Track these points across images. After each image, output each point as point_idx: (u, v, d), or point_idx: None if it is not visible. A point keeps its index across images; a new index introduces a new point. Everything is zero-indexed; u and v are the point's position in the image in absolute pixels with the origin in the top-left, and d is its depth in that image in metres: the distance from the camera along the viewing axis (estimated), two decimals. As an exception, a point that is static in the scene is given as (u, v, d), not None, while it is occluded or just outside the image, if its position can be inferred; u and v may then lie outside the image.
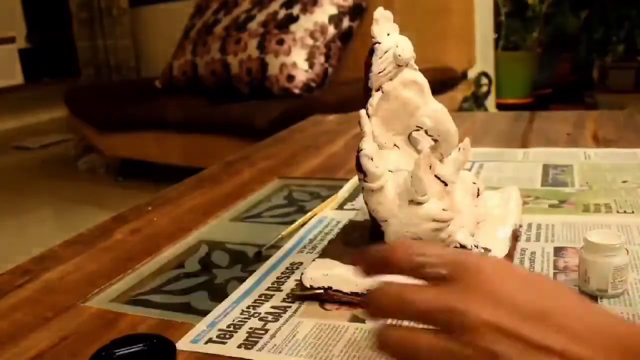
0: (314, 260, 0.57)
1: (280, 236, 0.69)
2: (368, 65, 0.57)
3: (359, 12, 2.57)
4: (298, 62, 2.46)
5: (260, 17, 2.66)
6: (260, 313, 0.53)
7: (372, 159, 0.54)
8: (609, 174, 0.80)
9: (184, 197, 0.87)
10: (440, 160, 0.58)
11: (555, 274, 0.55)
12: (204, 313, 0.54)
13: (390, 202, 0.54)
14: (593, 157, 0.88)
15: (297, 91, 2.44)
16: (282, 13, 2.59)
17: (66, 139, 4.04)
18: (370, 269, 0.38)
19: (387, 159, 0.57)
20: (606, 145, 0.94)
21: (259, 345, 0.48)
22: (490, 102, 2.94)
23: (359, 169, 0.55)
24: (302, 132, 1.27)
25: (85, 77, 4.03)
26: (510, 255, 0.56)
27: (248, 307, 0.54)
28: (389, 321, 0.37)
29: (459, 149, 0.59)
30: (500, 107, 3.21)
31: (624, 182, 0.77)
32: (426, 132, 0.58)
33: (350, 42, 2.57)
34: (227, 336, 0.49)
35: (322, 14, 2.53)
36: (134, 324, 0.53)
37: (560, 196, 0.74)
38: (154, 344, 0.41)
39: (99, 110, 2.98)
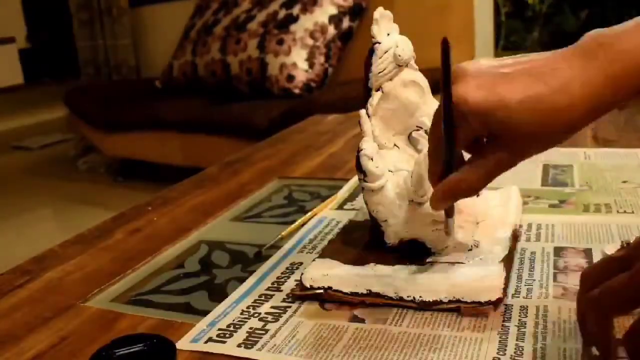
0: (314, 260, 0.57)
1: (280, 236, 0.69)
2: (368, 65, 0.57)
3: (359, 12, 2.57)
4: (298, 62, 2.46)
5: (260, 17, 2.66)
6: (260, 313, 0.53)
7: (372, 159, 0.54)
8: (609, 174, 0.80)
9: (184, 197, 0.87)
10: (440, 160, 0.58)
11: (555, 274, 0.55)
12: (204, 313, 0.54)
13: (390, 202, 0.54)
14: (593, 157, 0.88)
15: (297, 91, 2.44)
16: (282, 13, 2.59)
17: (66, 139, 4.05)
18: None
19: (387, 159, 0.57)
20: (606, 145, 0.94)
21: (259, 345, 0.48)
22: (490, 102, 2.93)
23: (359, 169, 0.55)
24: (302, 132, 1.27)
25: (85, 77, 4.03)
26: (510, 256, 0.56)
27: (248, 307, 0.54)
28: None
29: (459, 149, 0.59)
30: (500, 107, 3.20)
31: (624, 182, 0.77)
32: (426, 132, 0.58)
33: (350, 42, 2.57)
34: (227, 335, 0.49)
35: (322, 14, 2.53)
36: (134, 324, 0.53)
37: (560, 196, 0.74)
38: (154, 344, 0.41)
39: (99, 110, 2.99)
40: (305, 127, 1.31)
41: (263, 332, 0.49)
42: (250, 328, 0.50)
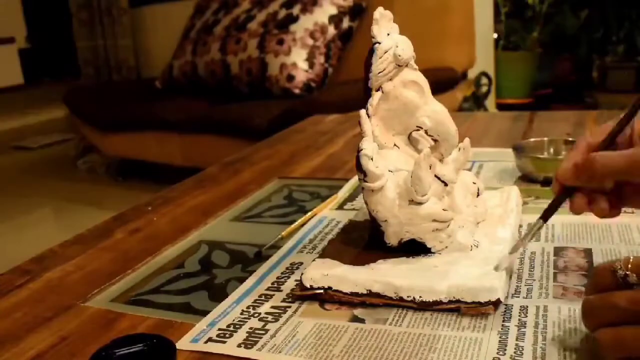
0: (314, 260, 0.57)
1: (280, 236, 0.69)
2: (368, 65, 0.57)
3: (359, 12, 2.57)
4: (298, 62, 2.46)
5: (260, 17, 2.66)
6: (260, 313, 0.53)
7: (372, 159, 0.54)
8: (609, 174, 0.80)
9: (184, 197, 0.87)
10: (440, 160, 0.58)
11: (555, 274, 0.55)
12: (204, 313, 0.54)
13: (390, 202, 0.54)
14: (593, 157, 0.88)
15: (297, 91, 2.44)
16: (282, 13, 2.59)
17: (66, 139, 4.05)
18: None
19: (387, 159, 0.57)
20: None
21: (259, 345, 0.48)
22: (490, 102, 2.94)
23: (359, 169, 0.55)
24: (302, 132, 1.27)
25: (85, 77, 4.03)
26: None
27: (248, 307, 0.54)
28: None
29: (459, 149, 0.59)
30: (500, 107, 3.21)
31: (624, 182, 0.76)
32: (426, 132, 0.58)
33: (350, 42, 2.57)
34: (226, 335, 0.49)
35: (322, 14, 2.53)
36: (134, 324, 0.53)
37: (560, 196, 0.73)
38: (154, 344, 0.41)
39: (99, 110, 2.99)
40: (305, 127, 1.31)
41: (263, 332, 0.49)
42: (250, 328, 0.50)
